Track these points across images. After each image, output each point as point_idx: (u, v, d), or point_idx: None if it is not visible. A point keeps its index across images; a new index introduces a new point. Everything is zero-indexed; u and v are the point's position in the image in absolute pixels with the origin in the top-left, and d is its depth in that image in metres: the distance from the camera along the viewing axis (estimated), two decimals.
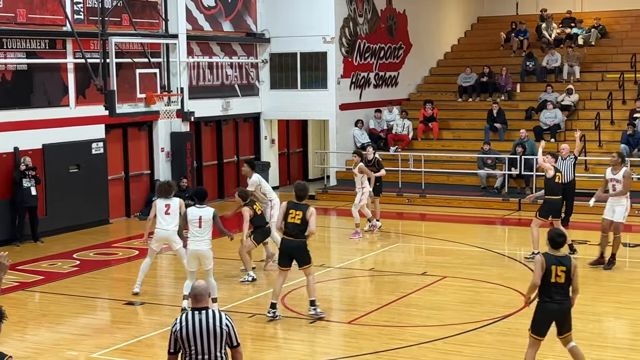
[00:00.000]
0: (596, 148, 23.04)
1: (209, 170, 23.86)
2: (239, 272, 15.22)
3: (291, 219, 11.96)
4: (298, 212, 11.97)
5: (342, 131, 25.06)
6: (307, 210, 11.98)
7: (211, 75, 23.58)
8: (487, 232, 19.60)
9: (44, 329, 12.20)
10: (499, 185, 22.62)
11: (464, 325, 11.80)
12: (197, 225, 12.37)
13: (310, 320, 12.25)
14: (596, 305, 12.91)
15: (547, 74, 26.82)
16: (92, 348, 11.23)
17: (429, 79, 29.13)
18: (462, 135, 25.57)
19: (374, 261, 16.17)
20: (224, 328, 6.94)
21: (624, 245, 17.47)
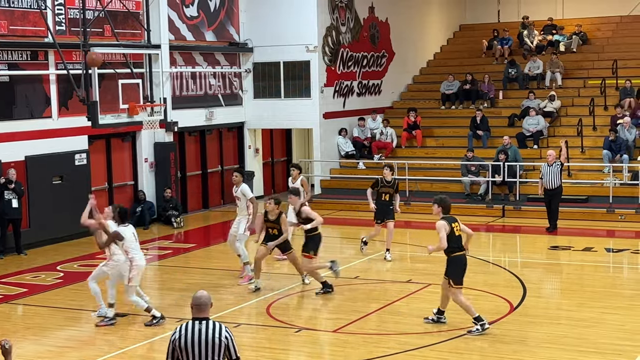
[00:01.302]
0: (579, 154, 23.15)
1: (193, 180, 23.82)
2: (224, 283, 15.17)
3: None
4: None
5: (326, 140, 25.08)
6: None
7: (194, 85, 23.56)
8: (471, 240, 19.59)
9: (27, 342, 12.11)
10: (482, 192, 22.68)
11: (449, 332, 11.81)
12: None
13: (295, 329, 12.22)
14: (581, 311, 12.95)
15: (529, 80, 26.96)
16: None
17: (412, 87, 29.21)
18: (445, 142, 25.63)
19: (359, 269, 16.15)
20: (222, 340, 6.90)
21: (607, 250, 17.59)
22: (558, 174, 18.93)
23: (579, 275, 15.69)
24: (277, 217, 14.23)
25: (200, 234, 21.06)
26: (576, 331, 11.87)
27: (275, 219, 14.24)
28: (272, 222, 14.26)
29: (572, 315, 12.72)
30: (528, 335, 11.72)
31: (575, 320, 12.45)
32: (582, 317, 12.61)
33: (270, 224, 14.32)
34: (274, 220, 14.24)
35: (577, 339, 11.52)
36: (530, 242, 18.92)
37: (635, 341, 11.27)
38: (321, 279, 14.11)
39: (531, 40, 28.85)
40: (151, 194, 21.90)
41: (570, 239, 18.59)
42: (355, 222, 21.65)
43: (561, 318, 12.67)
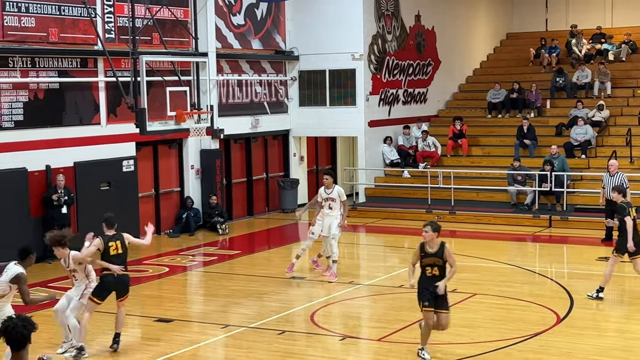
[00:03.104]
0: (628, 164, 22.84)
1: (238, 187, 23.95)
2: (268, 290, 15.23)
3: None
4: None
5: (371, 148, 25.07)
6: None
7: (240, 92, 23.70)
8: (517, 249, 19.48)
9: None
10: (529, 202, 22.49)
11: (494, 342, 11.72)
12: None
13: (340, 337, 12.23)
14: (629, 323, 12.76)
15: (577, 89, 26.70)
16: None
17: (458, 95, 29.10)
18: (491, 151, 25.48)
19: (404, 278, 16.06)
20: None
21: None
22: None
23: (627, 286, 15.47)
24: (439, 249, 10.80)
25: (245, 240, 21.16)
26: (624, 344, 11.71)
27: (435, 251, 10.80)
28: (432, 255, 10.79)
29: (619, 328, 12.57)
30: (575, 347, 11.59)
31: (622, 332, 12.30)
32: (630, 329, 12.45)
33: (429, 260, 10.82)
34: (434, 253, 10.80)
35: (624, 351, 11.36)
36: (578, 253, 18.71)
37: None
38: None
39: (579, 49, 28.58)
40: (197, 201, 22.06)
41: None
42: (399, 230, 21.59)
43: (609, 330, 12.52)
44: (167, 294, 15.32)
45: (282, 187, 24.66)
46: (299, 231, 22.90)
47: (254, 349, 11.87)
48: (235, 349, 12.05)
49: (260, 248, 20.53)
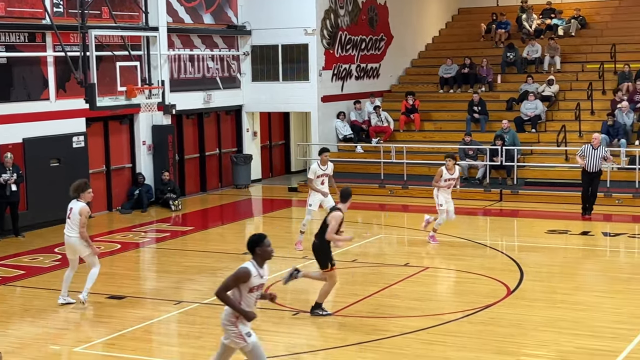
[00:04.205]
0: (577, 138, 23.14)
1: (190, 163, 23.81)
2: (221, 266, 15.21)
3: None
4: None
5: (324, 123, 25.07)
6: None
7: (192, 67, 23.51)
8: (468, 223, 19.62)
9: (26, 324, 12.15)
10: (480, 176, 22.70)
11: (446, 315, 11.85)
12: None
13: (294, 312, 12.26)
14: (578, 294, 13.00)
15: (527, 64, 26.93)
16: (75, 342, 11.21)
17: (411, 70, 29.17)
18: (443, 126, 25.63)
19: (357, 253, 16.17)
20: None
21: (604, 234, 17.64)
22: (600, 159, 18.81)
23: (575, 259, 15.72)
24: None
25: (198, 217, 21.07)
26: (572, 315, 11.90)
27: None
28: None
29: (568, 299, 12.75)
30: (524, 319, 11.75)
31: (571, 303, 12.49)
32: (579, 301, 12.65)
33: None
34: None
35: (573, 322, 11.55)
36: (528, 226, 18.94)
37: (631, 325, 11.30)
38: None
39: (530, 24, 28.80)
40: (149, 177, 21.89)
41: (567, 222, 18.61)
42: (352, 205, 21.49)
43: (558, 301, 12.70)
44: (119, 270, 15.20)
45: (235, 163, 24.57)
46: (252, 207, 22.90)
47: (208, 325, 11.86)
48: (188, 325, 12.02)
49: (213, 224, 20.46)
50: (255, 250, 8.35)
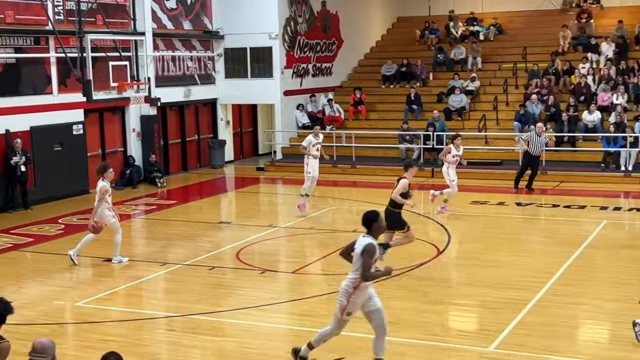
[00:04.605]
0: (494, 125, 23.35)
1: (174, 147, 23.60)
2: (200, 233, 15.14)
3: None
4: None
5: (286, 113, 24.98)
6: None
7: (174, 66, 23.25)
8: (439, 197, 19.70)
9: (35, 283, 12.02)
10: (416, 157, 22.81)
11: None
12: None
13: (261, 271, 12.27)
14: (496, 254, 13.13)
15: (454, 64, 27.03)
16: (76, 298, 11.12)
17: (358, 69, 29.13)
18: (385, 116, 25.66)
19: (314, 221, 16.21)
20: None
21: (517, 204, 17.84)
22: (543, 144, 18.95)
23: (493, 224, 15.88)
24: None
25: (180, 192, 20.93)
26: (491, 271, 12.03)
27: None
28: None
29: (488, 258, 12.88)
30: (452, 275, 11.90)
31: (490, 261, 12.62)
32: (496, 259, 12.79)
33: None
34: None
35: (491, 276, 11.69)
36: (455, 198, 19.02)
37: (537, 278, 11.47)
38: None
39: (456, 31, 28.88)
40: (138, 159, 21.68)
41: (487, 195, 18.79)
42: None
43: (480, 260, 12.85)
44: (113, 238, 15.05)
45: (212, 147, 24.42)
46: (226, 184, 22.81)
47: (189, 282, 11.83)
48: (173, 282, 11.99)
49: (193, 198, 20.34)
50: (372, 226, 7.80)
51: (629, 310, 9.96)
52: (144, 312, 10.53)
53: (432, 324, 9.62)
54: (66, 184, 19.20)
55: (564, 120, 21.88)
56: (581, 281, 11.34)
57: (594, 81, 23.80)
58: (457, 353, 8.63)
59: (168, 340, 9.48)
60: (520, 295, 10.64)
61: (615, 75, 23.50)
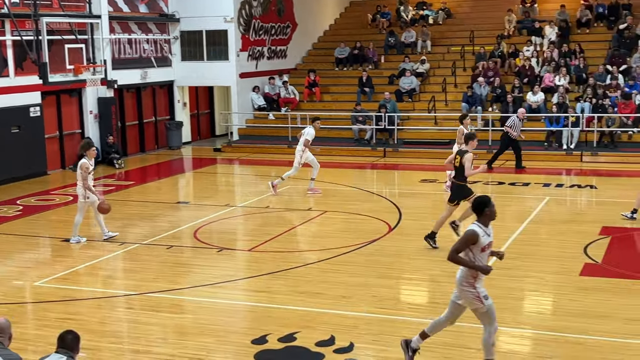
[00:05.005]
0: (443, 106, 23.53)
1: (131, 129, 23.26)
2: (158, 213, 14.98)
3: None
4: (457, 157, 11.87)
5: (242, 95, 24.81)
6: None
7: (131, 49, 22.86)
8: (359, 175, 19.84)
9: None
10: (368, 137, 22.89)
11: (340, 249, 11.97)
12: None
13: (218, 249, 12.21)
14: (445, 229, 13.23)
15: (405, 47, 27.10)
16: (35, 278, 10.94)
17: (312, 52, 29.02)
18: (338, 97, 25.65)
19: (269, 201, 16.18)
20: None
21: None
22: (521, 127, 19.14)
23: (442, 201, 15.94)
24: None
25: (138, 173, 20.68)
26: (441, 245, 12.13)
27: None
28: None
29: (438, 233, 12.93)
30: (402, 249, 11.98)
31: (440, 237, 12.67)
32: (444, 234, 12.84)
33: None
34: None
35: (439, 251, 11.79)
36: (406, 177, 19.24)
37: None
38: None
39: (406, 15, 28.93)
40: (96, 140, 21.28)
41: (435, 173, 18.93)
42: (266, 162, 21.62)
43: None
44: (72, 219, 14.79)
45: (169, 129, 24.14)
46: (184, 165, 22.58)
47: (147, 261, 11.73)
48: (131, 262, 11.87)
49: (151, 179, 20.10)
50: (484, 212, 7.12)
51: (570, 282, 10.18)
52: (103, 291, 10.41)
53: (383, 298, 9.70)
54: (24, 166, 18.80)
55: (509, 101, 22.15)
56: (525, 255, 11.53)
57: (537, 63, 24.10)
58: (407, 325, 8.72)
59: (127, 318, 9.39)
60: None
61: (557, 57, 23.84)
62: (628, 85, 22.02)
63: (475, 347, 7.75)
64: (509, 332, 8.56)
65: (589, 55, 23.99)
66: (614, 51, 23.53)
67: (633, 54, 23.25)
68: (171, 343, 8.41)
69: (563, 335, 8.35)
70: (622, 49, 23.56)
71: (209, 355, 8.05)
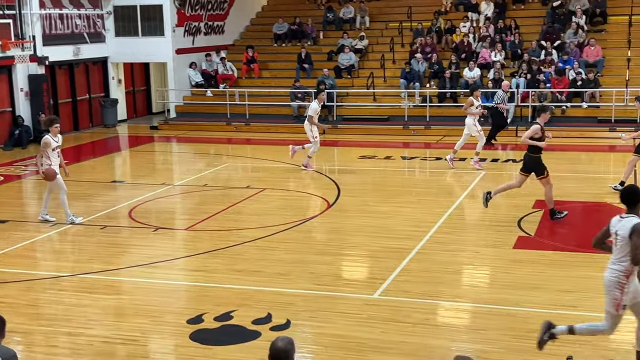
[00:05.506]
0: (382, 83, 23.59)
1: (64, 106, 22.66)
2: (93, 193, 14.66)
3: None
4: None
5: (178, 72, 24.41)
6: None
7: (62, 25, 22.20)
8: (299, 152, 19.73)
9: None
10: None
11: (279, 226, 11.93)
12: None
13: (154, 228, 12.03)
14: (383, 205, 13.35)
15: (343, 23, 27.02)
16: None
17: (250, 27, 28.70)
18: (277, 74, 25.46)
19: (208, 178, 16.01)
20: None
21: (403, 158, 18.17)
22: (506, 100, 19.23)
23: (381, 177, 16.10)
24: None
25: (72, 152, 20.13)
26: (379, 221, 12.22)
27: None
28: None
29: (375, 209, 13.06)
30: (341, 226, 12.01)
31: (378, 213, 12.80)
32: (384, 211, 12.98)
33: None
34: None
35: (378, 227, 11.88)
36: (345, 153, 19.26)
37: (421, 228, 11.71)
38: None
39: None
40: (27, 119, 20.72)
41: (374, 150, 19.03)
42: (205, 140, 21.37)
43: (366, 212, 13.02)
44: (3, 199, 14.41)
45: (104, 106, 23.61)
46: (120, 143, 22.16)
47: (81, 242, 11.50)
48: (64, 243, 11.61)
49: (85, 158, 19.64)
50: (638, 203, 6.49)
51: (504, 255, 10.37)
52: (35, 273, 10.15)
53: (320, 274, 9.70)
54: None
55: (447, 77, 22.34)
56: (460, 229, 11.69)
57: (474, 39, 24.35)
58: (343, 301, 8.75)
59: (60, 301, 9.18)
60: (404, 244, 10.85)
61: (493, 33, 24.13)
62: (562, 60, 22.44)
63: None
64: (445, 305, 8.68)
65: (524, 31, 24.35)
66: (548, 27, 23.93)
67: (567, 29, 23.70)
68: (105, 325, 8.27)
69: (497, 308, 8.50)
70: (556, 25, 23.99)
71: (143, 336, 7.94)
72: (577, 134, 19.93)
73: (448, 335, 7.88)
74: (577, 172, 16.03)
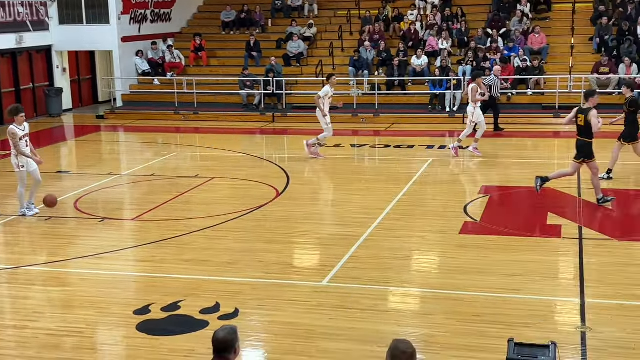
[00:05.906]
0: (331, 71, 23.53)
1: (7, 96, 22.12)
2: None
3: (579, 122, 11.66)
4: (580, 116, 11.63)
5: (124, 60, 24.04)
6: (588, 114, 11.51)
7: (4, 12, 21.64)
8: (248, 141, 19.69)
9: None
10: (257, 102, 22.72)
11: (227, 216, 11.86)
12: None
13: (100, 219, 11.85)
14: (333, 193, 13.40)
15: (292, 11, 26.93)
16: None
17: (198, 15, 28.39)
18: (226, 62, 25.27)
19: (156, 168, 15.82)
20: None
21: (352, 146, 18.22)
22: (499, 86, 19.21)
23: (331, 165, 16.10)
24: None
25: None
26: (329, 209, 12.27)
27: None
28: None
29: (324, 197, 13.13)
30: (290, 214, 11.99)
31: (326, 200, 12.87)
32: (334, 198, 13.05)
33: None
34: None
35: (327, 215, 11.94)
36: (295, 142, 19.18)
37: (370, 215, 11.75)
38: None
39: None
40: None
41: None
42: (153, 129, 21.11)
43: (316, 200, 13.05)
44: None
45: (48, 95, 23.13)
46: (65, 132, 21.74)
47: (25, 234, 11.27)
48: (7, 235, 11.35)
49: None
50: None
51: (450, 240, 10.51)
52: None
53: (269, 263, 9.69)
54: None
55: (395, 64, 22.46)
56: (408, 216, 11.79)
57: (421, 27, 24.52)
58: (292, 289, 8.77)
59: (3, 293, 8.99)
60: (353, 231, 10.90)
61: (440, 21, 24.33)
62: (507, 48, 22.77)
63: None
64: (394, 291, 8.76)
65: (470, 19, 24.61)
66: (494, 15, 24.24)
67: (512, 17, 24.04)
68: (49, 317, 8.13)
69: (443, 292, 8.62)
70: (502, 13, 24.31)
71: (89, 328, 7.83)
72: (523, 120, 20.27)
73: (396, 321, 7.96)
74: (523, 158, 16.30)
